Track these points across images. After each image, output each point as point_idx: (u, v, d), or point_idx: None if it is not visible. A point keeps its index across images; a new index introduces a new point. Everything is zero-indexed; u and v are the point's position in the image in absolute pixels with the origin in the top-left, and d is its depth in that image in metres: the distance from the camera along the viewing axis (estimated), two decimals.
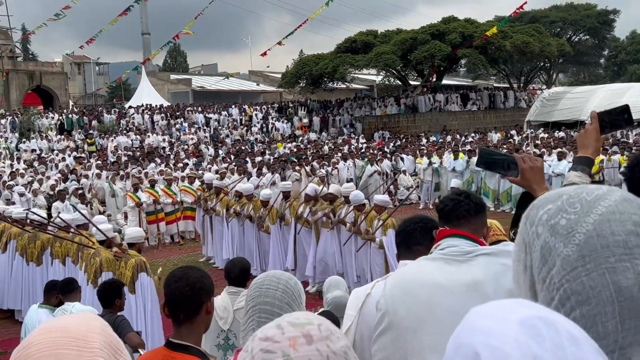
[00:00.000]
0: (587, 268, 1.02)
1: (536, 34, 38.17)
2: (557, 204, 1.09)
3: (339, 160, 20.50)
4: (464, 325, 0.92)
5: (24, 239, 9.61)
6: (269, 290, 2.20)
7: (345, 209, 9.90)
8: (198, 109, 38.60)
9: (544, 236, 1.08)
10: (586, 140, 2.34)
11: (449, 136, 29.73)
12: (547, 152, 18.69)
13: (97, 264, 7.11)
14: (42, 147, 28.30)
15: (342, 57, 37.72)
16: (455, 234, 2.33)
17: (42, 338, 1.14)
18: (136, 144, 29.57)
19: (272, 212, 11.22)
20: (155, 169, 19.88)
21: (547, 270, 1.06)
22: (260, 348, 1.08)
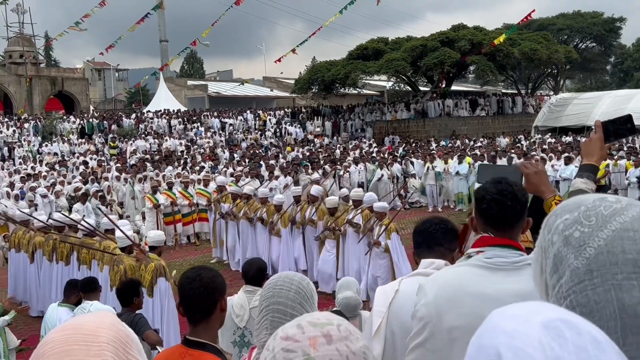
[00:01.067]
0: (594, 282, 1.02)
1: (544, 41, 38.00)
2: (574, 215, 1.08)
3: (350, 164, 20.49)
4: (487, 326, 0.91)
5: (50, 244, 9.64)
6: (282, 291, 2.19)
7: (353, 213, 9.85)
8: (214, 114, 38.74)
9: (558, 245, 1.08)
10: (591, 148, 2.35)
11: (458, 141, 29.63)
12: (555, 157, 18.57)
13: (122, 272, 7.14)
14: (63, 150, 28.51)
15: (353, 63, 37.76)
16: (502, 244, 2.17)
17: (56, 336, 1.17)
18: (154, 147, 29.73)
19: (285, 216, 11.24)
20: (173, 171, 19.96)
21: (557, 279, 1.06)
22: (282, 347, 1.08)
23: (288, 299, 2.17)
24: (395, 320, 2.53)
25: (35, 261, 10.05)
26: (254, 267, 4.80)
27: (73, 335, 1.16)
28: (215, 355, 2.59)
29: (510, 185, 2.21)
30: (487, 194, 2.19)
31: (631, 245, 1.02)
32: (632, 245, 1.02)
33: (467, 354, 0.91)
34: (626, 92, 35.17)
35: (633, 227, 1.03)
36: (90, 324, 1.19)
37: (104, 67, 66.10)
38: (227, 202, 12.99)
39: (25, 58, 44.60)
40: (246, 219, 12.00)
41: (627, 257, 1.01)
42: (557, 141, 26.66)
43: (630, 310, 0.98)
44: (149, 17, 43.15)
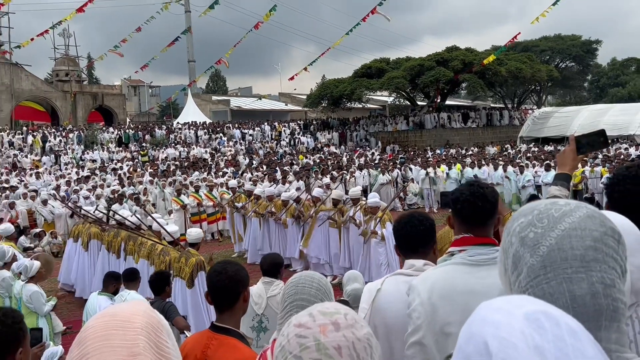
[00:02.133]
0: (548, 277, 1.03)
1: (528, 61, 37.82)
2: (529, 218, 1.09)
3: (355, 170, 20.47)
4: (475, 317, 0.92)
5: (109, 236, 9.72)
6: (305, 288, 2.20)
7: (353, 210, 10.00)
8: (235, 125, 38.84)
9: (516, 246, 1.09)
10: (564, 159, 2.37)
11: (451, 149, 29.53)
12: (538, 164, 18.47)
13: (167, 262, 7.24)
14: (103, 157, 28.67)
15: (358, 81, 37.77)
16: (482, 243, 2.17)
17: (96, 323, 1.19)
18: (183, 155, 29.85)
19: (291, 209, 11.52)
20: (199, 176, 20.03)
21: (517, 276, 1.08)
22: (295, 333, 1.09)
23: (310, 295, 2.17)
24: (377, 316, 2.50)
25: (89, 249, 10.16)
26: (268, 261, 4.85)
27: (110, 322, 1.18)
28: (237, 339, 2.62)
29: (481, 187, 2.24)
30: (461, 195, 2.23)
31: (579, 242, 1.03)
32: (579, 242, 1.03)
33: (458, 341, 0.92)
34: (601, 107, 34.94)
35: (580, 227, 1.05)
36: (125, 312, 1.21)
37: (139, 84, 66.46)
38: (240, 201, 13.20)
39: (70, 76, 44.97)
40: (257, 216, 12.22)
41: (576, 253, 1.03)
42: (540, 150, 26.50)
43: (580, 300, 1.00)
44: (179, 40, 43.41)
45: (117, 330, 1.16)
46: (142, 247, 8.32)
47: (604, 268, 1.02)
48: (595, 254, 1.03)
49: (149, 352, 1.15)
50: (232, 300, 2.68)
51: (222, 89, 79.01)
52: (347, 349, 1.05)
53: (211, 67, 47.60)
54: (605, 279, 1.02)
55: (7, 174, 22.09)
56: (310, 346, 1.05)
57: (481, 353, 0.85)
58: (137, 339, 1.15)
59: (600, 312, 1.00)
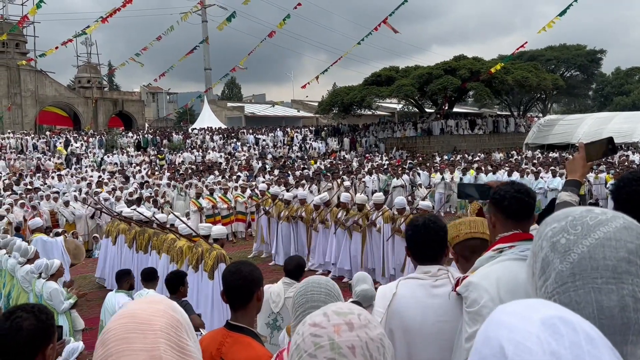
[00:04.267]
0: (576, 285, 1.00)
1: (534, 70, 37.63)
2: (562, 224, 1.06)
3: (365, 175, 20.43)
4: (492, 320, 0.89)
5: (132, 233, 9.97)
6: (314, 295, 2.17)
7: (375, 214, 10.04)
8: (249, 131, 38.99)
9: (546, 250, 1.06)
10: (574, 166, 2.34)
11: (458, 155, 29.40)
12: (544, 170, 18.31)
13: (199, 253, 7.40)
14: (122, 160, 28.89)
15: (368, 88, 37.78)
16: (529, 239, 2.14)
17: (116, 324, 1.17)
18: (199, 159, 30.00)
19: (321, 214, 11.44)
20: (214, 179, 20.09)
21: (544, 280, 1.05)
22: (310, 332, 1.07)
23: (320, 301, 2.14)
24: (394, 320, 2.46)
25: (117, 245, 10.55)
26: (293, 262, 4.89)
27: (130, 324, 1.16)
28: (251, 337, 2.60)
29: (523, 185, 2.27)
30: (507, 193, 2.23)
31: (612, 253, 1.00)
32: (613, 253, 1.00)
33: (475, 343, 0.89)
34: (606, 115, 34.66)
35: (615, 237, 1.01)
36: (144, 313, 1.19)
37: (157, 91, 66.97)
38: (267, 204, 13.18)
39: (92, 83, 45.43)
40: (287, 221, 12.17)
41: (608, 263, 0.99)
42: (546, 157, 26.30)
43: (608, 312, 0.97)
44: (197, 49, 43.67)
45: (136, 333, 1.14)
46: (165, 243, 8.44)
47: (636, 282, 0.98)
48: (628, 267, 0.99)
49: (170, 353, 1.14)
50: (245, 300, 2.67)
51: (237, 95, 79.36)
52: (361, 349, 1.04)
53: (227, 75, 47.90)
54: (637, 292, 0.97)
55: (31, 176, 22.31)
56: (325, 345, 1.04)
57: (497, 356, 0.83)
58: (158, 341, 1.13)
59: (628, 326, 0.96)
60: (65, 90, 43.97)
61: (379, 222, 9.83)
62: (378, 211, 10.02)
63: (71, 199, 16.09)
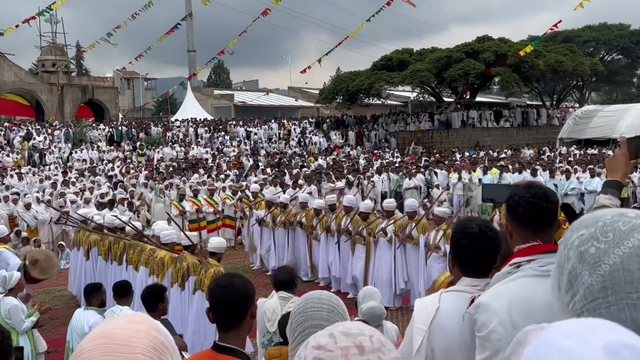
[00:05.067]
0: (608, 301, 0.99)
1: (569, 53, 37.61)
2: (591, 231, 1.05)
3: (373, 174, 20.41)
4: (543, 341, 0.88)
5: (105, 244, 9.86)
6: (314, 312, 2.13)
7: (385, 222, 9.98)
8: (239, 123, 38.98)
9: (573, 261, 1.05)
10: (615, 164, 2.33)
11: (482, 152, 29.37)
12: (581, 169, 18.28)
13: (185, 269, 7.29)
14: (92, 157, 28.88)
15: (378, 74, 37.75)
16: (551, 250, 2.12)
17: (90, 345, 1.16)
18: (181, 155, 29.99)
19: (323, 220, 11.33)
20: (199, 179, 20.08)
21: (572, 296, 1.04)
22: (314, 356, 1.06)
23: (322, 319, 2.11)
24: (437, 338, 2.46)
25: (91, 259, 10.42)
26: (284, 273, 4.91)
27: (107, 345, 1.15)
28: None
29: (541, 188, 2.25)
30: (521, 198, 2.21)
31: None
32: None
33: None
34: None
35: None
36: (124, 333, 1.18)
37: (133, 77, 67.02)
38: (260, 208, 13.11)
39: (57, 67, 45.41)
40: (284, 227, 12.11)
41: None
42: (582, 154, 26.28)
43: None
44: (178, 27, 43.67)
45: (114, 355, 1.13)
46: (142, 254, 8.38)
47: None
48: None
49: None
50: (238, 317, 2.66)
51: (225, 82, 79.34)
52: None
53: (214, 58, 47.88)
54: None
55: None
56: None
57: None
58: None
59: None
60: (26, 75, 43.95)
61: (390, 231, 9.79)
62: (389, 219, 9.98)
63: (33, 200, 16.08)
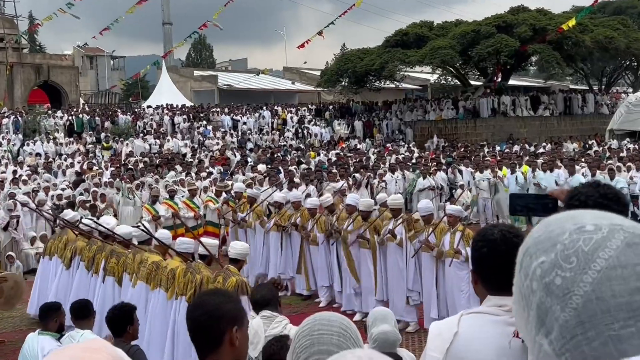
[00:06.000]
0: (588, 337, 1.02)
1: (622, 28, 37.56)
2: (551, 257, 1.08)
3: (385, 172, 20.39)
4: None
5: (92, 250, 9.78)
6: (323, 336, 2.11)
7: (392, 223, 10.08)
8: (225, 111, 39.01)
9: (539, 295, 1.08)
10: None
11: (516, 146, 29.35)
12: (635, 167, 18.26)
13: (197, 283, 7.31)
14: (48, 150, 28.85)
15: (391, 52, 37.72)
16: None
17: None
18: (154, 149, 30.00)
19: (320, 221, 11.49)
20: (175, 177, 20.09)
21: (546, 333, 1.07)
22: None
23: (331, 344, 2.09)
24: None
25: (71, 269, 10.21)
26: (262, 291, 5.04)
27: None
28: None
29: (611, 187, 2.25)
30: (589, 198, 2.20)
31: (621, 285, 1.02)
32: (622, 285, 1.02)
33: None
34: None
35: (620, 263, 1.03)
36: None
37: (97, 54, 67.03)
38: (244, 210, 13.26)
39: (6, 42, 45.42)
40: (276, 230, 12.32)
41: (619, 301, 1.01)
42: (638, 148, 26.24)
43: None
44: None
45: None
46: (142, 265, 8.37)
47: None
48: None
49: None
50: (214, 343, 2.65)
51: (208, 61, 79.37)
52: None
53: (194, 33, 47.86)
54: None
55: None
56: None
57: None
58: None
59: None
60: None
61: (400, 233, 9.87)
62: (396, 219, 10.12)
63: None
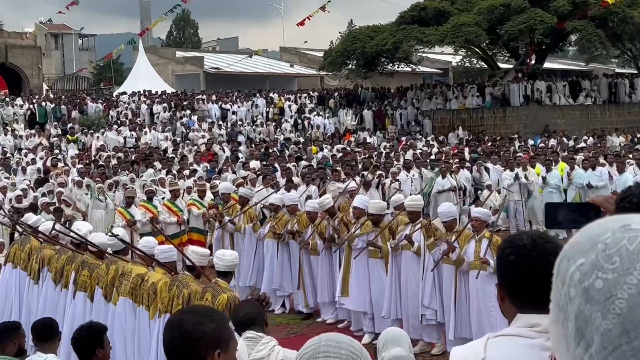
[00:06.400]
0: (634, 346, 1.02)
1: None
2: (591, 258, 1.09)
3: (400, 170, 20.38)
4: None
5: (61, 261, 9.69)
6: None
7: (410, 227, 10.07)
8: (212, 98, 39.01)
9: (578, 302, 1.09)
10: None
11: (552, 139, 29.31)
12: None
13: (185, 297, 7.34)
14: (5, 144, 28.86)
15: (406, 29, 37.64)
16: None
17: None
18: (130, 142, 29.99)
19: (321, 226, 11.60)
20: (154, 176, 20.10)
21: (585, 347, 1.07)
22: None
23: None
24: None
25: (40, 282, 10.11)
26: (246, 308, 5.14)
27: None
28: None
29: None
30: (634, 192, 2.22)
31: None
32: None
33: None
34: None
35: None
36: None
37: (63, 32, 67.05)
38: (233, 212, 13.40)
39: None
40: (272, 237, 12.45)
41: None
42: None
43: None
44: None
45: None
46: (124, 279, 8.40)
47: None
48: None
49: None
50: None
51: (193, 40, 79.38)
52: None
53: (176, 7, 47.87)
54: None
55: None
56: None
57: None
58: None
59: None
60: None
61: (417, 240, 9.88)
62: (414, 224, 10.12)
63: None
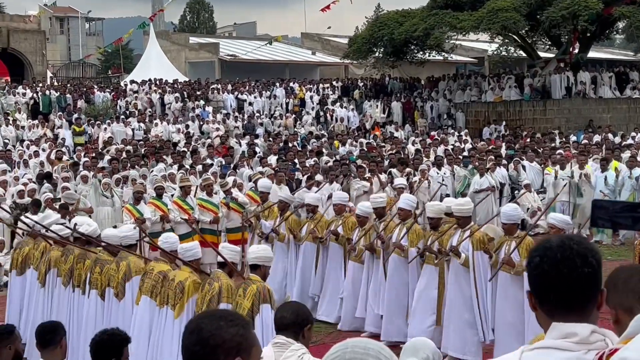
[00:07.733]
0: None
1: None
2: None
3: (429, 167, 20.32)
4: None
5: (68, 261, 9.84)
6: None
7: (459, 235, 10.02)
8: (227, 88, 39.10)
9: None
10: None
11: (597, 135, 29.12)
12: None
13: (215, 292, 7.46)
14: (7, 135, 29.07)
15: (438, 14, 37.52)
16: None
17: None
18: (139, 134, 30.13)
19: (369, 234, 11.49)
20: (165, 171, 20.15)
21: None
22: None
23: None
24: None
25: (47, 285, 10.26)
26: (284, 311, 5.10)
27: None
28: None
29: None
30: None
31: None
32: None
33: None
34: None
35: None
36: None
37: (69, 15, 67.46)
38: (271, 217, 13.28)
39: None
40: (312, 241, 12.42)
41: None
42: None
43: None
44: None
45: None
46: (146, 277, 8.52)
47: None
48: None
49: None
50: None
51: (207, 25, 79.56)
52: None
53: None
54: None
55: None
56: None
57: None
58: None
59: None
60: None
61: (465, 250, 9.81)
62: (462, 230, 10.03)
63: None
